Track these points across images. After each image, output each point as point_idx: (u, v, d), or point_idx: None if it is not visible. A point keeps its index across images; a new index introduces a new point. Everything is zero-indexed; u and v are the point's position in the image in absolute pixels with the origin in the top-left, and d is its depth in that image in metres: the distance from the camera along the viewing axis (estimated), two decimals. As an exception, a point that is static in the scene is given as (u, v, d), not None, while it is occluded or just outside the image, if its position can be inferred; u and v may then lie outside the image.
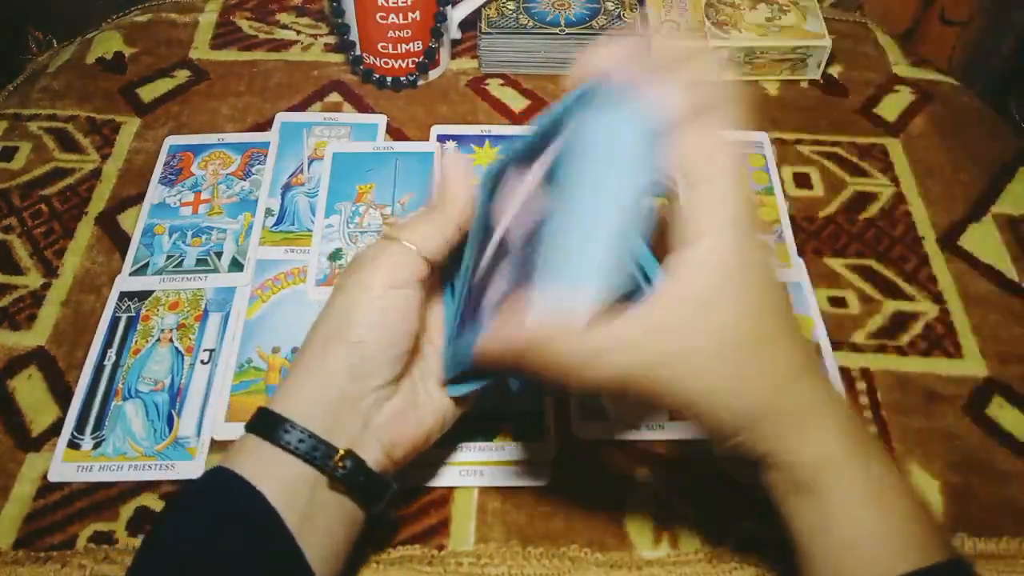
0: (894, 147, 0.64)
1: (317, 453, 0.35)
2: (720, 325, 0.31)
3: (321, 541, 0.36)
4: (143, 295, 0.53)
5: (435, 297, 0.41)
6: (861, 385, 0.50)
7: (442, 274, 0.41)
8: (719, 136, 0.31)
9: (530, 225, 0.36)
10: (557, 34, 0.66)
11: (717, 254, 0.31)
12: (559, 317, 0.31)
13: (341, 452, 0.36)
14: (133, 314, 0.52)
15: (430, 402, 0.40)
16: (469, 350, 0.36)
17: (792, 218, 0.58)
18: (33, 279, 0.55)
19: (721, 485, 0.46)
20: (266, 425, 0.36)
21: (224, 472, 0.36)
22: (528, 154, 0.35)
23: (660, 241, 0.33)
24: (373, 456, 0.37)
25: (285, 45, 0.70)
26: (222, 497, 0.35)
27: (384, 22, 0.62)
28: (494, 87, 0.67)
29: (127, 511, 0.45)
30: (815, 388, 0.33)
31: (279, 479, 0.35)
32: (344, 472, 0.36)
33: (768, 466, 0.34)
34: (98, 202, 0.59)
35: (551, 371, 0.32)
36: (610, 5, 0.68)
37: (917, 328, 0.53)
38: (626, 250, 0.32)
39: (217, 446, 0.47)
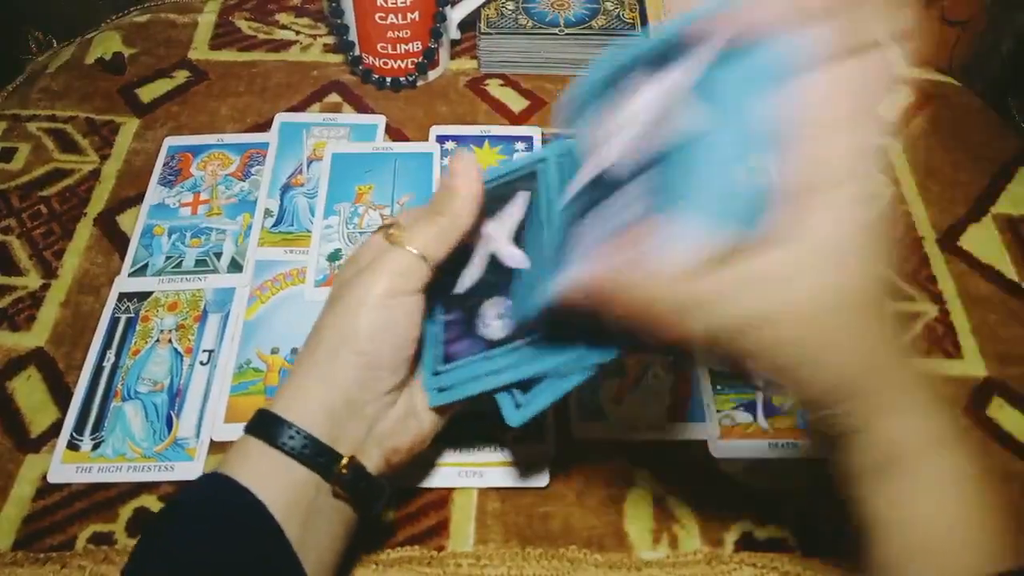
0: (894, 147, 0.64)
1: (321, 459, 0.35)
2: (828, 286, 0.29)
3: (319, 546, 0.36)
4: (142, 296, 0.53)
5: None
6: (861, 385, 0.50)
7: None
8: (854, 82, 0.28)
9: (662, 143, 0.31)
10: (556, 34, 0.66)
11: (847, 209, 0.28)
12: (665, 256, 0.28)
13: (345, 459, 0.36)
14: (132, 315, 0.52)
15: (426, 406, 0.40)
16: (471, 364, 0.37)
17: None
18: (32, 280, 0.55)
19: (721, 485, 0.46)
20: (269, 428, 0.36)
21: (220, 479, 0.35)
22: (654, 62, 0.31)
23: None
24: (373, 462, 0.37)
25: (284, 45, 0.70)
26: (219, 505, 0.35)
27: (383, 22, 0.62)
28: (493, 87, 0.67)
29: (126, 512, 0.45)
30: (909, 366, 0.32)
31: (281, 484, 0.35)
32: (346, 479, 0.36)
33: (854, 442, 0.32)
34: (97, 203, 0.59)
35: (642, 317, 0.29)
36: (609, 5, 0.68)
37: (917, 328, 0.53)
38: (748, 190, 0.29)
39: (216, 447, 0.47)
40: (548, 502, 0.45)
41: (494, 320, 0.38)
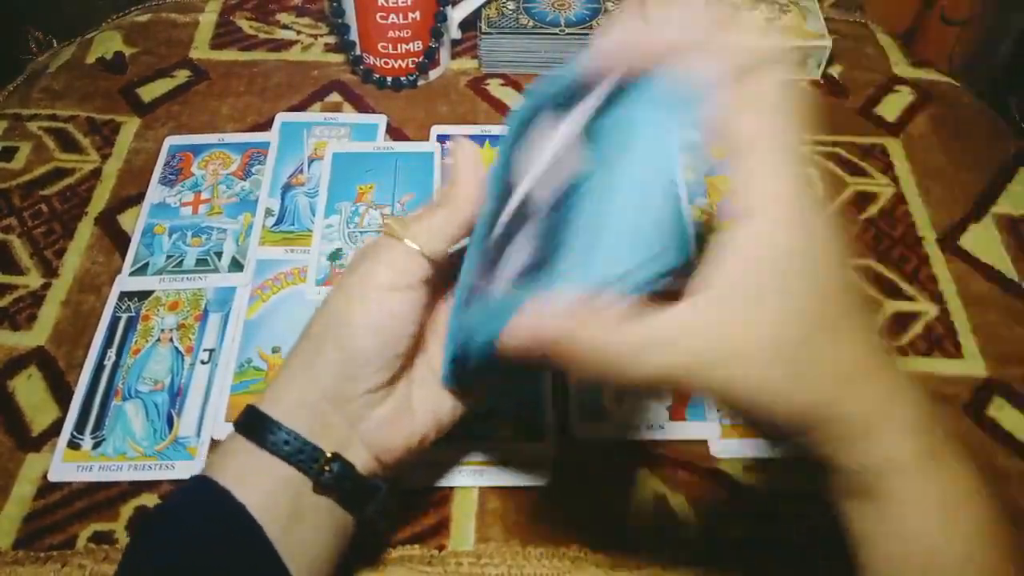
0: (894, 147, 0.64)
1: (303, 456, 0.34)
2: (772, 320, 0.28)
3: (306, 550, 0.34)
4: (143, 295, 0.53)
5: (443, 292, 0.39)
6: (861, 385, 0.50)
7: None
8: (766, 100, 0.28)
9: (560, 187, 0.33)
10: (557, 34, 0.66)
11: (766, 238, 0.27)
12: (599, 306, 0.28)
13: (328, 455, 0.34)
14: (133, 314, 0.52)
15: (425, 405, 0.38)
16: (475, 326, 0.33)
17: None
18: (33, 279, 0.55)
19: (721, 485, 0.46)
20: (252, 425, 0.35)
21: (204, 482, 0.34)
22: (563, 101, 0.33)
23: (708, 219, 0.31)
24: (361, 460, 0.36)
25: (285, 45, 0.70)
26: (200, 512, 0.34)
27: (384, 22, 0.62)
28: (494, 87, 0.67)
29: (127, 511, 0.45)
30: (882, 383, 0.30)
31: (262, 483, 0.34)
32: (330, 476, 0.34)
33: (827, 468, 0.31)
34: (98, 202, 0.59)
35: (587, 366, 0.29)
36: (610, 5, 0.68)
37: (917, 328, 0.53)
38: (668, 231, 0.29)
39: (217, 446, 0.47)
40: (549, 501, 0.45)
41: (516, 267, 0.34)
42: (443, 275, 0.38)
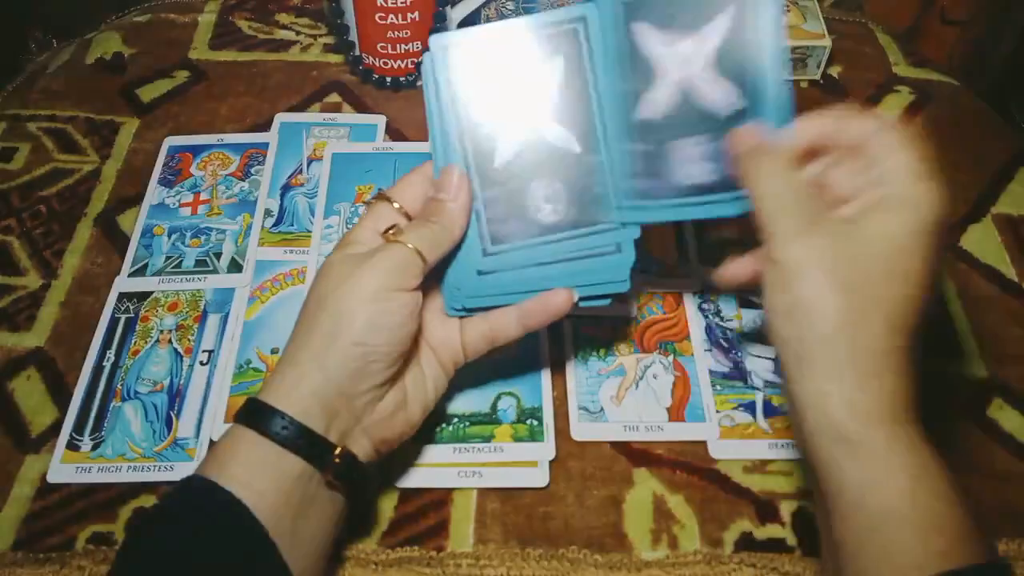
0: (894, 147, 0.63)
1: (315, 449, 0.35)
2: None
3: (311, 537, 0.36)
4: (142, 296, 0.53)
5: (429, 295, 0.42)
6: (861, 386, 0.50)
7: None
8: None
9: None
10: (556, 34, 0.66)
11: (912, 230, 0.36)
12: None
13: (339, 449, 0.36)
14: (132, 315, 0.52)
15: (418, 394, 0.40)
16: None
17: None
18: (32, 280, 0.55)
19: (720, 485, 0.46)
20: (261, 418, 0.35)
21: (202, 485, 0.34)
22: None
23: None
24: (363, 450, 0.37)
25: (284, 45, 0.70)
26: (196, 513, 0.34)
27: (383, 22, 0.62)
28: (493, 87, 0.67)
29: (126, 512, 0.45)
30: (893, 350, 0.34)
31: (273, 475, 0.35)
32: (339, 468, 0.36)
33: (814, 410, 0.33)
34: (97, 203, 0.59)
35: (754, 173, 0.37)
36: (610, 5, 0.68)
37: (917, 328, 0.53)
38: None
39: (214, 442, 0.47)
40: (548, 502, 0.45)
41: (544, 204, 0.39)
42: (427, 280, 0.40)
